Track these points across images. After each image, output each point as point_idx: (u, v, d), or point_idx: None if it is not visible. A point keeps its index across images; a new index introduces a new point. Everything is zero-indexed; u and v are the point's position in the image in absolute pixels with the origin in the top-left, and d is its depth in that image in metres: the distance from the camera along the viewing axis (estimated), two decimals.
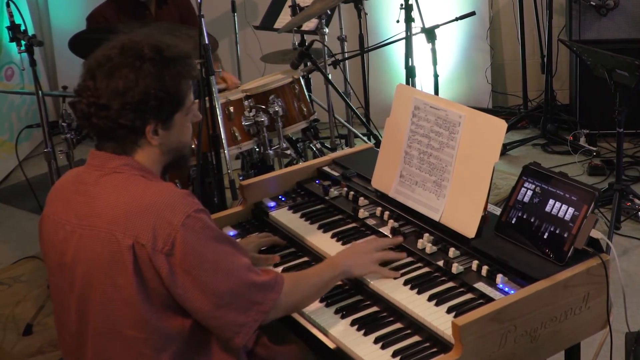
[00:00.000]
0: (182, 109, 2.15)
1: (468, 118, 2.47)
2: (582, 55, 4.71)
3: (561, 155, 5.72)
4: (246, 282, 2.08)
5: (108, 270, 2.04)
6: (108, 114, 2.05)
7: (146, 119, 2.08)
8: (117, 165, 2.11)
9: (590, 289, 2.27)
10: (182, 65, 2.12)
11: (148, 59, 2.06)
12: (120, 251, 2.01)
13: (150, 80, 2.05)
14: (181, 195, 2.07)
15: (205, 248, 2.02)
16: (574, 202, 2.29)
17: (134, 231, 2.00)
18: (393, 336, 2.21)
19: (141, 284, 2.02)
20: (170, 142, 2.16)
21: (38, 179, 5.58)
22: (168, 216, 2.00)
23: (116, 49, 2.08)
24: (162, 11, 4.83)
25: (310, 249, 2.64)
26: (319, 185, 2.96)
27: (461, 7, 5.96)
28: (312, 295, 2.30)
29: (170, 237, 1.99)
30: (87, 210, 2.08)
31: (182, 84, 2.12)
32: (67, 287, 2.14)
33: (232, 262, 2.06)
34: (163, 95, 2.07)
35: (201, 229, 2.03)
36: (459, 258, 2.41)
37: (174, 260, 2.00)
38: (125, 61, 2.05)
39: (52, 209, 2.20)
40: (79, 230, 2.08)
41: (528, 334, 2.17)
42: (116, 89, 2.04)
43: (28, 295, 4.39)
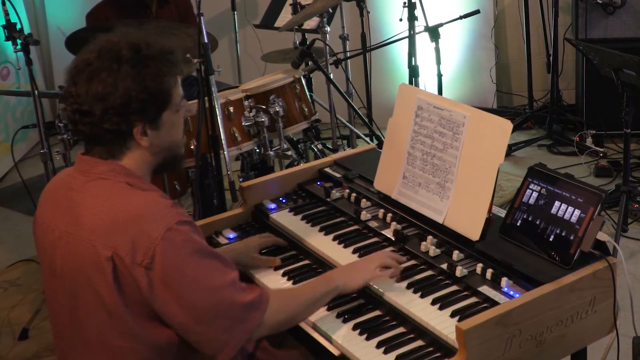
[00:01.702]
0: (169, 106, 2.11)
1: (472, 118, 2.47)
2: (589, 54, 4.71)
3: (567, 157, 5.72)
4: (229, 299, 2.05)
5: (90, 280, 2.03)
6: (92, 119, 2.03)
7: (132, 122, 2.05)
8: (103, 171, 2.09)
9: (596, 292, 2.27)
10: (163, 62, 2.08)
11: (125, 60, 2.03)
12: (100, 262, 2.00)
13: (130, 82, 2.02)
14: (164, 206, 2.03)
15: (186, 263, 1.99)
16: (580, 204, 2.29)
17: (113, 243, 1.99)
18: (396, 340, 2.21)
19: (122, 295, 2.01)
20: (160, 141, 2.13)
21: (34, 181, 5.59)
22: (148, 229, 1.97)
23: (94, 52, 2.05)
24: (163, 10, 4.84)
25: (311, 251, 2.64)
26: (320, 187, 2.96)
27: (465, 6, 5.96)
28: (302, 312, 2.26)
29: (150, 251, 1.96)
30: (71, 218, 2.07)
31: (164, 82, 2.08)
32: (59, 292, 2.14)
33: (215, 278, 2.03)
34: (145, 96, 2.04)
35: (182, 242, 1.99)
36: (463, 261, 2.41)
37: (154, 274, 1.97)
38: (103, 65, 2.02)
39: (42, 211, 2.20)
40: (65, 237, 2.08)
41: (533, 339, 2.17)
42: (96, 94, 2.01)
43: (24, 299, 4.39)
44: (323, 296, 2.29)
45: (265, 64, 6.06)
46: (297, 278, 2.53)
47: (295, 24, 4.96)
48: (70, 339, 2.15)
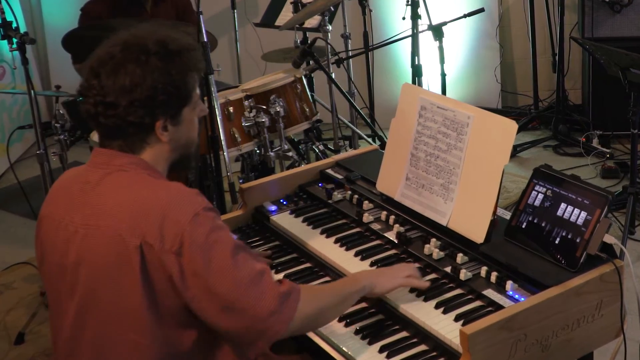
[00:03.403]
0: (189, 103, 2.15)
1: (477, 119, 2.48)
2: (595, 53, 4.72)
3: (573, 158, 5.72)
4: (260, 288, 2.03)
5: (113, 272, 2.03)
6: (116, 112, 2.05)
7: (155, 115, 2.09)
8: (124, 163, 2.11)
9: (603, 296, 2.27)
10: (188, 58, 2.13)
11: (153, 53, 2.06)
12: (127, 252, 2.00)
13: (158, 75, 2.05)
14: (189, 193, 2.06)
15: (215, 250, 2.00)
16: (586, 206, 2.30)
17: (141, 231, 1.99)
18: (399, 345, 2.22)
19: (147, 287, 2.01)
20: (179, 137, 2.17)
21: (30, 182, 5.59)
22: (175, 215, 1.99)
23: (118, 46, 2.08)
24: (159, 8, 4.84)
25: (312, 254, 2.65)
26: (321, 189, 2.96)
27: (469, 4, 5.96)
28: (330, 309, 2.22)
29: (178, 236, 1.98)
30: (92, 210, 2.07)
31: (188, 77, 2.13)
32: (67, 290, 2.12)
33: (242, 268, 2.02)
34: (171, 89, 2.08)
35: (210, 228, 2.01)
36: (467, 264, 2.41)
37: (184, 260, 1.98)
38: (129, 57, 2.05)
39: (52, 208, 2.19)
40: (82, 231, 2.07)
41: (539, 343, 2.17)
42: (123, 85, 2.04)
43: (20, 303, 4.39)
44: (350, 295, 2.26)
45: (265, 63, 6.07)
46: (299, 282, 2.53)
47: (296, 23, 4.96)
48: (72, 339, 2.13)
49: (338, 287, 2.27)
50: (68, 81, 5.70)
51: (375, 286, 2.30)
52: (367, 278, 2.31)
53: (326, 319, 2.25)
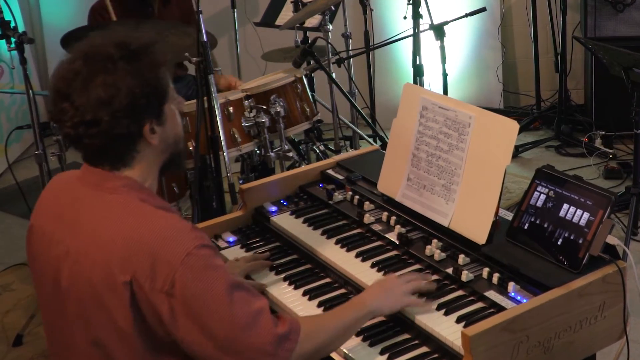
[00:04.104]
0: (168, 98, 2.09)
1: (478, 119, 2.48)
2: (598, 53, 4.72)
3: (576, 158, 5.72)
4: (257, 329, 1.98)
5: (104, 303, 1.98)
6: (100, 128, 1.97)
7: (141, 120, 2.02)
8: (116, 186, 2.04)
9: (606, 297, 2.27)
10: (154, 53, 2.05)
11: (119, 57, 1.98)
12: (117, 286, 1.95)
13: (131, 79, 1.98)
14: (183, 230, 1.98)
15: (207, 290, 1.94)
16: (589, 206, 2.30)
17: (132, 267, 1.94)
18: (400, 347, 2.22)
19: (139, 319, 1.97)
20: (167, 136, 2.10)
21: (29, 183, 5.59)
22: (167, 254, 1.93)
23: (79, 60, 2.00)
24: (166, 9, 4.86)
25: (313, 255, 2.65)
26: (322, 189, 2.96)
27: (471, 3, 5.96)
28: (334, 341, 2.17)
29: (170, 276, 1.92)
30: (83, 237, 2.02)
31: (160, 72, 2.05)
32: (59, 307, 2.09)
33: (237, 309, 1.96)
34: (149, 90, 2.00)
35: (202, 268, 1.94)
36: (468, 265, 2.41)
37: (175, 301, 1.92)
38: (96, 68, 1.97)
39: (42, 220, 2.14)
40: (74, 255, 2.02)
41: (541, 345, 2.17)
42: (99, 99, 1.95)
43: (18, 304, 4.39)
44: (355, 322, 2.20)
45: (265, 63, 6.07)
46: (299, 283, 2.54)
47: (297, 22, 4.96)
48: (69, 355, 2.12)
49: (343, 316, 2.19)
50: None
51: (382, 309, 2.27)
52: (374, 300, 2.26)
53: (327, 352, 2.20)
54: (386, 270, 2.47)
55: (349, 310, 2.22)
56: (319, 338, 2.12)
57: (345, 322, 2.18)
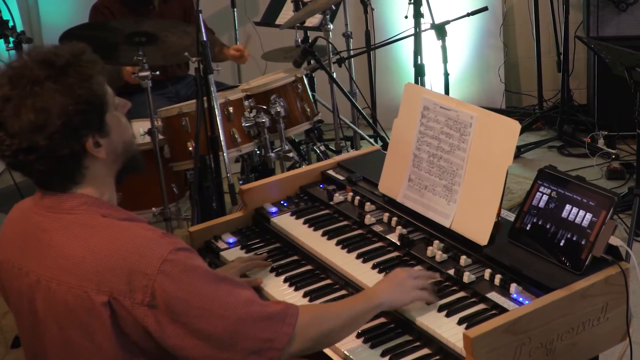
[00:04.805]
0: (107, 108, 2.01)
1: (480, 119, 2.48)
2: (601, 52, 4.71)
3: (578, 158, 5.72)
4: (247, 318, 1.96)
5: (85, 327, 1.96)
6: (39, 154, 1.92)
7: (81, 137, 1.95)
8: (73, 206, 2.00)
9: (609, 299, 2.27)
10: (81, 65, 1.96)
11: (44, 78, 1.90)
12: (96, 308, 1.91)
13: (61, 98, 1.90)
14: (153, 238, 1.94)
15: (190, 292, 1.91)
16: (591, 207, 2.30)
17: (108, 288, 1.90)
18: (401, 349, 2.22)
19: (121, 339, 1.95)
20: (115, 146, 2.04)
21: (28, 183, 5.54)
22: (141, 266, 1.89)
23: (6, 86, 1.91)
24: (167, 6, 4.86)
25: (313, 256, 2.65)
26: (323, 190, 2.96)
27: (473, 2, 5.97)
28: (339, 329, 2.14)
29: (149, 288, 1.89)
30: (51, 263, 1.98)
31: (93, 84, 1.96)
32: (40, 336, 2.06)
33: (224, 301, 1.94)
34: (82, 106, 1.92)
35: (181, 272, 1.91)
36: (470, 266, 2.41)
37: (159, 312, 1.90)
38: (23, 92, 1.89)
39: (8, 253, 2.09)
40: (45, 282, 1.98)
41: (544, 347, 2.17)
42: (32, 124, 1.89)
43: None
44: (363, 313, 2.19)
45: (266, 62, 6.07)
46: (299, 284, 2.54)
47: (297, 22, 4.96)
48: None
49: (348, 306, 2.18)
50: None
51: (393, 303, 2.26)
52: (385, 293, 2.25)
53: (334, 339, 2.18)
54: (387, 271, 2.47)
55: (358, 301, 2.22)
56: (323, 325, 2.10)
57: (354, 312, 2.17)
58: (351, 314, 2.16)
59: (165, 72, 4.72)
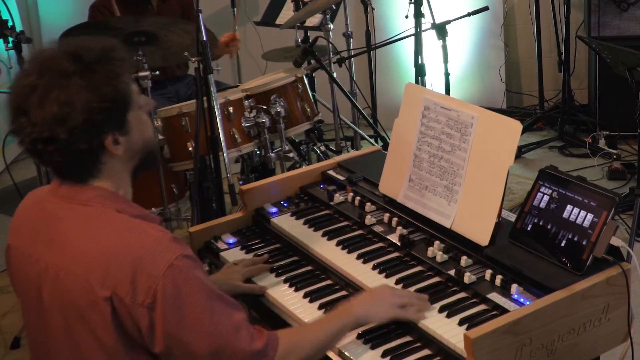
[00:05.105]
0: (131, 107, 2.03)
1: (481, 119, 2.48)
2: (602, 52, 4.71)
3: (579, 159, 5.72)
4: (232, 346, 1.98)
5: (87, 316, 1.97)
6: (58, 145, 1.94)
7: (101, 134, 1.98)
8: (89, 198, 2.02)
9: (610, 299, 2.27)
10: (110, 62, 1.99)
11: (72, 72, 1.93)
12: (97, 302, 1.93)
13: (86, 94, 1.92)
14: (163, 241, 1.96)
15: (187, 304, 1.93)
16: (593, 207, 2.30)
17: (112, 282, 1.92)
18: (402, 349, 2.21)
19: (122, 336, 1.96)
20: (134, 144, 2.06)
21: (26, 184, 5.59)
22: (148, 267, 1.91)
23: (34, 74, 1.95)
24: (165, 5, 4.86)
25: (314, 257, 2.65)
26: (323, 190, 2.96)
27: (474, 2, 5.96)
28: (318, 351, 2.16)
29: (151, 290, 1.90)
30: (61, 252, 2.00)
31: (119, 83, 1.98)
32: (44, 324, 2.08)
33: (216, 322, 1.96)
34: (106, 104, 1.95)
35: (184, 280, 1.93)
36: (471, 267, 2.41)
37: (155, 315, 1.92)
38: (50, 83, 1.92)
39: (19, 240, 2.13)
40: (53, 271, 2.01)
41: (544, 348, 2.17)
42: (55, 116, 1.91)
43: (16, 307, 4.39)
44: (340, 330, 2.20)
45: (266, 62, 6.07)
46: (300, 285, 2.54)
47: (297, 21, 4.96)
48: None
49: (326, 327, 2.18)
50: None
51: (370, 317, 2.25)
52: (361, 307, 2.25)
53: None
54: (388, 272, 2.47)
55: (334, 319, 2.22)
56: (302, 351, 2.12)
57: (330, 332, 2.18)
58: (327, 335, 2.17)
59: (165, 72, 4.72)
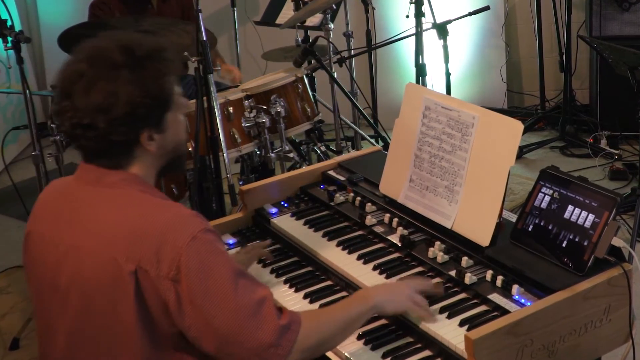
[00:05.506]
0: (171, 107, 2.09)
1: (482, 119, 2.48)
2: (603, 52, 4.72)
3: (581, 159, 5.72)
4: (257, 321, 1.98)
5: (107, 296, 1.99)
6: (96, 133, 2.00)
7: (138, 129, 2.03)
8: (115, 181, 2.07)
9: (611, 300, 2.28)
10: (160, 61, 2.05)
11: (122, 65, 1.99)
12: (122, 276, 1.96)
13: (132, 89, 1.98)
14: (187, 215, 2.01)
15: (210, 276, 1.95)
16: (594, 208, 2.30)
17: (137, 256, 1.95)
18: (402, 350, 2.22)
19: (142, 311, 1.98)
20: (167, 144, 2.11)
21: (25, 184, 5.60)
22: (172, 239, 1.94)
23: (84, 61, 2.01)
24: (165, 5, 4.87)
25: (314, 258, 2.65)
26: (323, 191, 2.96)
27: (475, 2, 5.97)
28: (337, 334, 2.15)
29: (175, 261, 1.93)
30: (83, 232, 2.04)
31: (165, 83, 2.05)
32: (57, 310, 2.10)
33: (242, 295, 1.97)
34: (149, 100, 2.01)
35: (208, 252, 1.96)
36: (472, 268, 2.41)
37: (180, 288, 1.94)
38: (99, 73, 1.98)
39: (40, 225, 2.15)
40: (72, 252, 2.04)
41: (546, 349, 2.17)
42: (98, 105, 1.97)
43: (15, 308, 4.39)
44: (358, 317, 2.19)
45: (266, 62, 6.07)
46: (300, 285, 2.54)
47: (298, 21, 4.96)
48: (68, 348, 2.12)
49: (345, 310, 2.18)
50: None
51: (386, 306, 2.25)
52: (379, 295, 2.25)
53: (330, 346, 2.19)
54: (388, 272, 2.47)
55: (352, 304, 2.22)
56: (322, 332, 2.11)
57: (349, 316, 2.17)
58: (347, 319, 2.17)
59: None
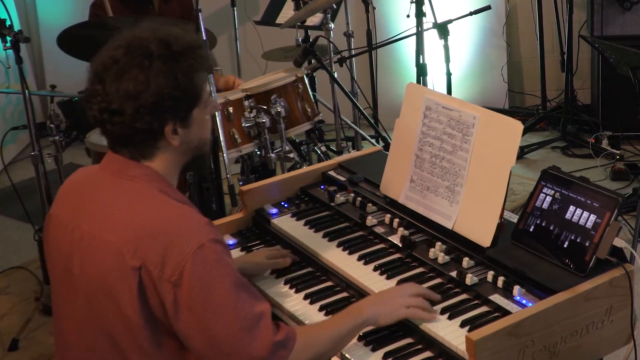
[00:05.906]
0: (199, 103, 2.13)
1: (483, 119, 2.48)
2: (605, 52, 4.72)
3: (582, 159, 5.72)
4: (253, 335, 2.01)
5: (113, 288, 2.02)
6: (123, 119, 2.04)
7: (164, 120, 2.07)
8: (137, 174, 2.10)
9: (613, 301, 2.27)
10: (194, 57, 2.10)
11: (157, 56, 2.04)
12: (126, 271, 1.99)
13: (163, 79, 2.03)
14: (199, 222, 2.03)
15: (214, 286, 1.97)
16: (595, 208, 2.30)
17: (143, 253, 1.99)
18: (403, 351, 2.22)
19: (145, 309, 2.01)
20: (190, 139, 2.15)
21: (25, 184, 5.59)
22: (180, 243, 1.97)
23: (121, 49, 2.06)
24: (167, 6, 4.87)
25: (314, 258, 2.65)
26: (324, 191, 2.96)
27: (476, 1, 5.96)
28: (329, 350, 2.18)
29: (179, 267, 1.96)
30: (99, 220, 2.08)
31: (196, 78, 2.10)
32: (69, 295, 2.14)
33: (241, 309, 2.00)
34: (177, 93, 2.06)
35: (213, 262, 1.98)
36: (473, 268, 2.41)
37: (180, 292, 1.96)
38: (133, 61, 2.03)
39: (61, 209, 2.20)
40: (87, 239, 2.08)
41: (547, 350, 2.17)
42: (127, 92, 2.02)
43: (14, 308, 4.39)
44: (351, 331, 2.20)
45: (266, 62, 6.07)
46: (300, 286, 2.54)
47: (298, 21, 4.96)
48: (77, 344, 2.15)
49: (338, 326, 2.19)
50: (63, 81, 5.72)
51: (379, 319, 2.26)
52: (371, 308, 2.25)
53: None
54: (389, 273, 2.47)
55: (345, 319, 2.22)
56: (315, 349, 2.14)
57: (341, 332, 2.19)
58: (338, 335, 2.19)
59: None
